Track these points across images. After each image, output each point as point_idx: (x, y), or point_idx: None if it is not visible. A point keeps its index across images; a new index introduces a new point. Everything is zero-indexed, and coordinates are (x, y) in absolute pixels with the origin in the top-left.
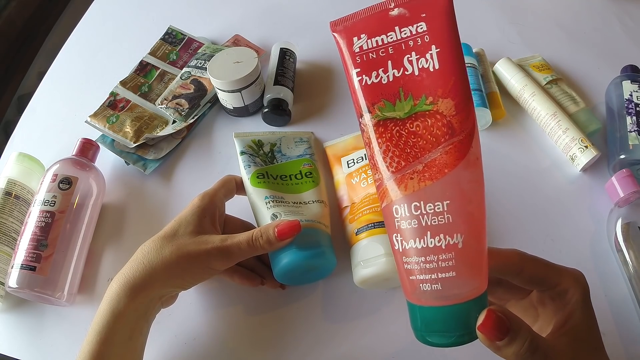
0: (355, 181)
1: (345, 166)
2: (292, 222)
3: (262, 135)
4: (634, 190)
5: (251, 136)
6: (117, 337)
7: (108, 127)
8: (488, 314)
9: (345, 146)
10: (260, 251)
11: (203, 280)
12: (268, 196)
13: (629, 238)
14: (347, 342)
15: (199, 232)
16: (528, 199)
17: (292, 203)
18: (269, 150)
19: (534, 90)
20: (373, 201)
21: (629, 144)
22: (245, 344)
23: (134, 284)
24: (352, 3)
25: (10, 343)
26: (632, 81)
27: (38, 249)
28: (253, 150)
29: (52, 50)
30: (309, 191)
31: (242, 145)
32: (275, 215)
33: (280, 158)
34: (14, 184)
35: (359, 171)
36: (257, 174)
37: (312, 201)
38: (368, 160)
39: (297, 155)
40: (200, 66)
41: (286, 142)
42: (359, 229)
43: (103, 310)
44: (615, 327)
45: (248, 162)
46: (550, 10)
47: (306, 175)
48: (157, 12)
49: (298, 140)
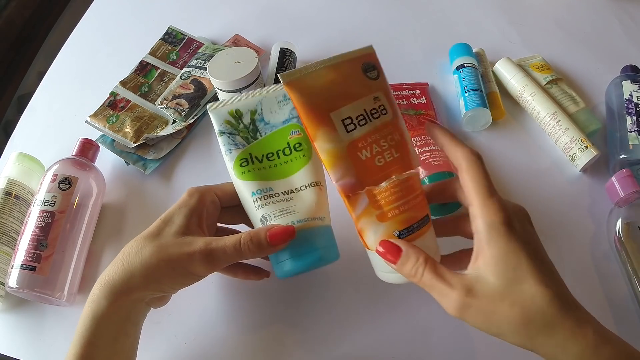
0: (366, 155)
1: (342, 128)
2: (286, 228)
3: (240, 102)
4: (634, 190)
5: (228, 106)
6: (101, 341)
7: (108, 127)
8: (382, 242)
9: (325, 87)
10: (249, 256)
11: (184, 286)
12: (255, 191)
13: (629, 238)
14: (348, 342)
15: (184, 232)
16: (528, 199)
17: (283, 194)
18: (249, 121)
19: (534, 90)
20: (406, 191)
21: (629, 144)
22: (246, 343)
23: (113, 287)
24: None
25: (10, 343)
26: (632, 81)
27: (38, 249)
28: (232, 125)
29: (52, 50)
30: (301, 171)
31: (219, 122)
32: (264, 218)
33: (264, 129)
34: (14, 184)
35: (368, 139)
36: (241, 160)
37: (305, 186)
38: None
39: (282, 121)
40: (200, 66)
41: (268, 105)
42: (404, 232)
43: (85, 313)
44: (615, 327)
45: (228, 146)
46: (550, 10)
47: (295, 148)
48: (157, 12)
49: (281, 99)
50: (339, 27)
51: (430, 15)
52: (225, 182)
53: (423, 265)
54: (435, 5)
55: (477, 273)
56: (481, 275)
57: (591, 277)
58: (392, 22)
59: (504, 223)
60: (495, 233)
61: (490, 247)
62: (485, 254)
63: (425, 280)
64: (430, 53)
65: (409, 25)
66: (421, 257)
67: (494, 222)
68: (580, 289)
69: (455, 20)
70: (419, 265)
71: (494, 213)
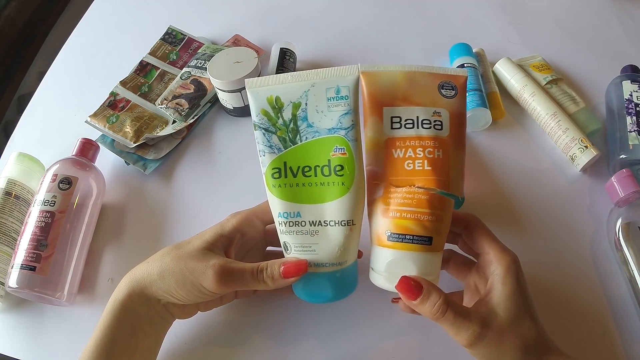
0: (399, 155)
1: (388, 123)
2: (299, 263)
3: (283, 85)
4: (634, 190)
5: (268, 87)
6: (118, 330)
7: (108, 127)
8: (403, 279)
9: (393, 85)
10: (262, 285)
11: (194, 300)
12: (282, 213)
13: (629, 238)
14: (348, 342)
15: (209, 249)
16: (528, 199)
17: (310, 224)
18: (290, 117)
19: (534, 90)
20: (417, 203)
21: (629, 144)
22: (246, 343)
23: (133, 278)
24: (353, 3)
25: (10, 343)
26: (632, 81)
27: (38, 249)
28: (269, 118)
29: (52, 50)
30: (336, 201)
31: (256, 110)
32: (286, 246)
33: (306, 132)
34: (14, 184)
35: (406, 142)
36: (273, 169)
37: (336, 222)
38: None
39: (328, 129)
40: (200, 66)
41: (316, 99)
42: (394, 236)
43: (109, 300)
44: (615, 327)
45: (263, 146)
46: (550, 10)
47: (336, 170)
48: (157, 12)
49: (333, 95)
50: (339, 27)
51: (430, 15)
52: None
53: (445, 306)
54: (435, 5)
55: (488, 307)
56: (492, 309)
57: (591, 277)
58: (392, 22)
59: (516, 266)
60: (510, 275)
61: (505, 286)
62: (499, 291)
63: (447, 319)
64: (430, 53)
65: (409, 25)
66: (442, 297)
67: (510, 266)
68: (580, 289)
69: (455, 20)
70: (440, 305)
71: (511, 259)
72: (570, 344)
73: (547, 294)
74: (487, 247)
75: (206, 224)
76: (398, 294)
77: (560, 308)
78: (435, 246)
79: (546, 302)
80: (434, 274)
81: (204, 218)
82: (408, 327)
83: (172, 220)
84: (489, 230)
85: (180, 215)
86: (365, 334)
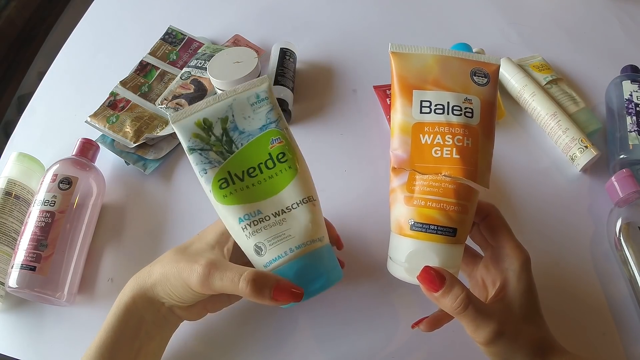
0: (427, 141)
1: (417, 107)
2: (294, 292)
3: (206, 108)
4: (634, 190)
5: (193, 115)
6: (122, 332)
7: (108, 127)
8: (426, 269)
9: (424, 68)
10: (244, 296)
11: (193, 301)
12: (242, 217)
13: (629, 238)
14: (348, 342)
15: (208, 249)
16: (528, 199)
17: (274, 216)
18: (221, 131)
19: (534, 90)
20: (444, 192)
21: (629, 144)
22: (246, 343)
23: (137, 278)
24: (352, 3)
25: (10, 343)
26: (632, 81)
27: (38, 249)
28: (202, 139)
29: (52, 50)
30: (289, 186)
31: (186, 137)
32: (259, 247)
33: (239, 139)
34: (14, 184)
35: (435, 128)
36: (219, 181)
37: (297, 203)
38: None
39: (259, 128)
40: (200, 66)
41: (240, 109)
42: (417, 225)
43: (114, 303)
44: (615, 327)
45: (202, 165)
46: (550, 10)
47: (278, 159)
48: (157, 12)
49: (255, 101)
50: (339, 28)
51: (430, 15)
52: None
53: (467, 301)
54: (435, 5)
55: (504, 304)
56: (508, 306)
57: (591, 277)
58: (392, 22)
59: (529, 264)
60: (525, 272)
61: (520, 282)
62: (514, 288)
63: (468, 315)
64: None
65: (409, 25)
66: (464, 291)
67: (525, 263)
68: (581, 289)
69: (455, 20)
70: (462, 300)
71: (526, 256)
72: (571, 343)
73: (547, 294)
74: (504, 241)
75: (206, 224)
76: (420, 287)
77: (560, 308)
78: (459, 238)
79: (546, 302)
80: (456, 267)
81: (204, 218)
82: (408, 327)
83: (172, 220)
84: (507, 224)
85: (180, 215)
86: (365, 334)
